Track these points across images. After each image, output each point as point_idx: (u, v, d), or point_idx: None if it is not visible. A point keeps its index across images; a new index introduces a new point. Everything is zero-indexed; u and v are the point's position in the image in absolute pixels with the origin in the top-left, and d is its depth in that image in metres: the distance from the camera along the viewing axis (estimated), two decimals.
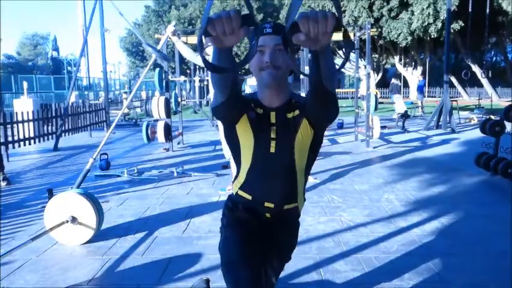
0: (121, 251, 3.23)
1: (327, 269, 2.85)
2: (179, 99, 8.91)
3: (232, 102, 1.45)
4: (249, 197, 1.67)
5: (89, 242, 3.38)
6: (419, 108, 16.61)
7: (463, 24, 20.79)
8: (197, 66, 18.70)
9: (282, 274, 2.69)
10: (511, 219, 3.75)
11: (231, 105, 1.47)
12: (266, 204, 1.65)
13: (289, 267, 2.79)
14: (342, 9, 23.30)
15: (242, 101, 1.55)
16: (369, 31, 8.00)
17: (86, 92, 25.65)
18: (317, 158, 1.75)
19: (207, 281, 2.45)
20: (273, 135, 1.58)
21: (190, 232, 3.62)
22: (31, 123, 8.37)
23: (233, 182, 1.77)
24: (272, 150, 1.59)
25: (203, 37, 1.06)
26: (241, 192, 1.69)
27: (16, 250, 2.96)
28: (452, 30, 19.53)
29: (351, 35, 9.52)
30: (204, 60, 1.10)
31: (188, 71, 19.29)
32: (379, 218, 3.91)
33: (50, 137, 9.00)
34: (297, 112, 1.59)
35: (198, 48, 1.07)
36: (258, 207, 1.67)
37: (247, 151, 1.62)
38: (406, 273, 2.75)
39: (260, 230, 1.68)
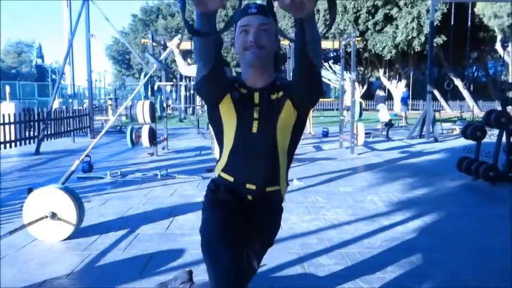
0: (102, 247, 3.17)
1: (311, 262, 2.84)
2: (164, 104, 8.87)
3: (214, 76, 1.45)
4: (231, 179, 1.66)
5: (68, 238, 3.30)
6: (403, 119, 16.84)
7: (445, 39, 21.29)
8: (184, 76, 18.71)
9: (265, 267, 2.69)
10: (491, 219, 3.80)
11: (213, 79, 1.47)
12: (248, 185, 1.63)
13: (272, 261, 2.79)
14: (328, 22, 23.61)
15: (224, 78, 1.55)
16: (354, 39, 8.12)
17: (70, 100, 25.36)
18: (299, 147, 1.75)
19: (190, 272, 2.41)
20: (255, 115, 1.58)
21: (173, 229, 3.58)
22: (12, 126, 8.22)
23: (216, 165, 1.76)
24: (254, 130, 1.59)
25: None
26: (223, 174, 1.68)
27: None
28: (435, 44, 19.97)
29: (336, 43, 9.66)
30: (186, 23, 1.10)
31: (174, 80, 19.25)
32: (362, 217, 3.92)
33: (32, 141, 8.85)
34: (281, 93, 1.59)
35: (181, 10, 1.07)
36: (240, 189, 1.65)
37: (229, 131, 1.61)
38: (388, 266, 2.76)
39: (242, 212, 1.66)
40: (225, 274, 1.45)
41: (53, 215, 3.25)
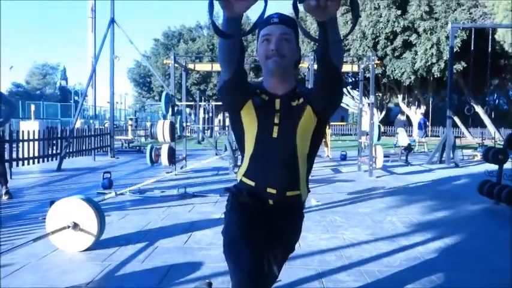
0: (121, 258, 3.21)
1: (329, 279, 2.81)
2: (184, 124, 9.00)
3: (236, 80, 1.50)
4: (252, 183, 1.68)
5: (88, 249, 3.35)
6: (424, 145, 16.62)
7: (465, 65, 21.17)
8: (202, 97, 19.01)
9: (283, 282, 2.68)
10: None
11: (235, 83, 1.52)
12: (268, 190, 1.65)
13: (290, 277, 2.77)
14: (347, 48, 23.85)
15: (246, 84, 1.59)
16: (373, 62, 8.17)
17: (92, 121, 25.92)
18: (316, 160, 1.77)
19: (209, 284, 2.42)
20: (276, 121, 1.62)
21: (191, 243, 3.60)
22: (36, 143, 8.44)
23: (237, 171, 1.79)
24: (275, 135, 1.62)
25: None
26: (244, 179, 1.71)
27: (18, 249, 2.95)
28: (455, 71, 19.89)
29: (355, 67, 9.73)
30: (213, 23, 1.15)
31: (193, 102, 19.53)
32: (382, 236, 3.88)
33: (54, 158, 9.05)
34: (301, 100, 1.63)
35: (209, 10, 1.13)
36: (261, 193, 1.68)
37: (250, 136, 1.65)
38: (409, 284, 2.71)
39: (263, 215, 1.68)
40: (246, 274, 1.47)
41: (75, 226, 3.31)
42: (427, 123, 14.86)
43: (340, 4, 1.12)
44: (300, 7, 1.14)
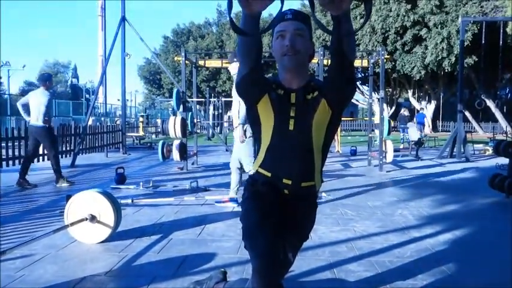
0: (137, 249, 3.30)
1: (340, 269, 2.87)
2: (195, 120, 9.10)
3: (254, 75, 1.58)
4: (268, 174, 1.75)
5: (105, 241, 3.45)
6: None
7: (476, 59, 20.98)
8: (212, 94, 19.09)
9: (296, 272, 2.74)
10: None
11: (253, 78, 1.59)
12: (284, 180, 1.72)
13: (302, 267, 2.84)
14: (356, 43, 23.77)
15: (263, 79, 1.67)
16: (383, 57, 8.17)
17: (103, 118, 26.17)
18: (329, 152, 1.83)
19: (224, 273, 2.49)
20: (292, 114, 1.69)
21: (204, 235, 3.68)
22: None
23: (254, 161, 1.86)
24: (291, 128, 1.69)
25: None
26: (260, 170, 1.78)
27: (38, 239, 3.05)
28: (466, 65, 19.72)
29: (365, 62, 9.73)
30: (231, 21, 1.22)
31: (203, 98, 19.65)
32: (392, 229, 3.93)
33: (68, 154, 9.20)
34: (316, 93, 1.69)
35: (228, 7, 1.20)
36: (276, 183, 1.75)
37: (267, 129, 1.72)
38: (419, 274, 2.76)
39: (279, 204, 1.75)
40: (262, 257, 1.56)
41: (93, 218, 3.40)
42: (425, 119, 14.31)
43: None
44: (316, 3, 1.21)
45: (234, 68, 5.02)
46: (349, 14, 1.33)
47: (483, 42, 11.89)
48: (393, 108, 31.63)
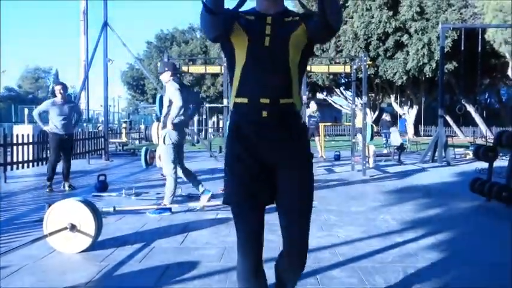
0: (119, 258, 3.25)
1: (324, 275, 2.87)
2: None
3: (219, 28, 1.65)
4: (246, 100, 1.68)
5: (86, 250, 3.38)
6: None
7: (456, 65, 21.36)
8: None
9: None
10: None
11: (216, 18, 1.59)
12: (262, 100, 1.65)
13: None
14: (339, 48, 24.00)
15: (224, 14, 1.61)
16: (365, 63, 8.26)
17: (85, 124, 25.83)
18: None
19: None
20: (268, 32, 1.69)
21: (187, 243, 3.64)
22: (30, 147, 8.43)
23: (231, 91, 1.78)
24: (267, 44, 1.68)
25: None
26: (238, 100, 1.70)
27: (15, 251, 2.98)
28: (446, 71, 20.05)
29: (348, 67, 9.82)
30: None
31: None
32: (375, 234, 3.95)
33: (45, 162, 9.02)
34: (296, 18, 1.72)
35: None
36: (255, 108, 1.67)
37: (241, 50, 1.69)
38: (402, 279, 2.78)
39: (261, 158, 1.71)
40: (246, 241, 1.74)
41: (73, 227, 3.34)
42: (406, 126, 14.67)
43: None
44: None
45: (165, 77, 5.01)
46: None
47: (462, 48, 12.12)
48: (376, 113, 31.94)
